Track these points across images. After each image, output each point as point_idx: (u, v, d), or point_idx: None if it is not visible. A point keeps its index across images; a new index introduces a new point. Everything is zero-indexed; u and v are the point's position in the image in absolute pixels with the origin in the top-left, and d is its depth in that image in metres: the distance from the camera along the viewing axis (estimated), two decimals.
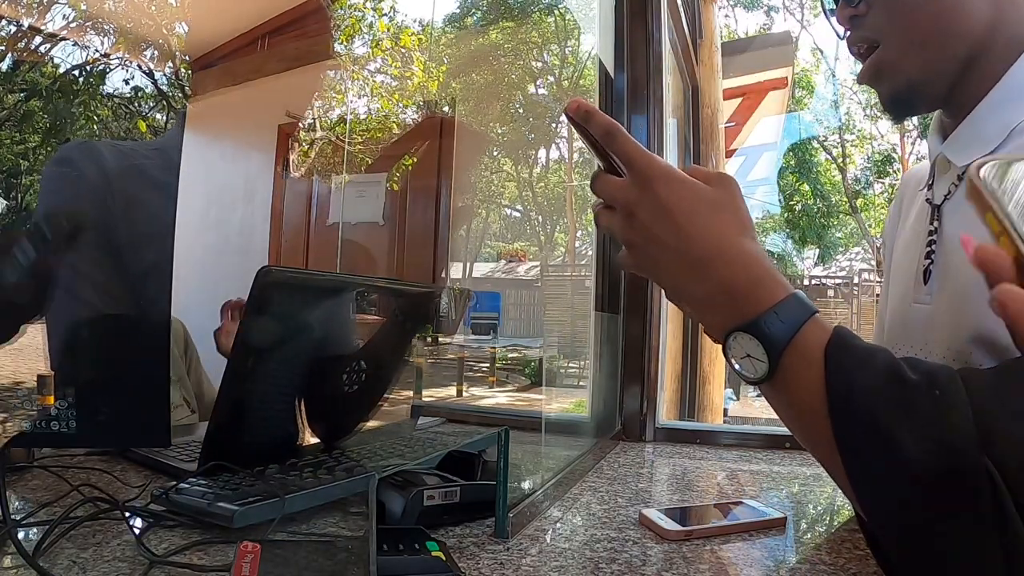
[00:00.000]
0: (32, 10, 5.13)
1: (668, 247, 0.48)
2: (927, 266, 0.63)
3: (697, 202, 0.48)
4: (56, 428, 0.64)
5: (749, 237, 0.48)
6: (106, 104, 7.74)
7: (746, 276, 0.46)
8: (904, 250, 0.70)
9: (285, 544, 0.62)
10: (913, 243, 0.67)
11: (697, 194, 0.48)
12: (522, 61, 12.89)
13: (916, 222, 0.69)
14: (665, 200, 0.48)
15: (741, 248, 0.47)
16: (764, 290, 0.46)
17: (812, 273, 11.80)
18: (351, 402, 0.89)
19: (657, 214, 0.48)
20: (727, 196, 0.48)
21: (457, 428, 1.23)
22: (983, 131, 0.59)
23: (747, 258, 0.47)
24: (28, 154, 7.20)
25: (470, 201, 12.02)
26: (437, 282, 3.33)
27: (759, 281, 0.46)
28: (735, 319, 0.46)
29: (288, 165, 5.22)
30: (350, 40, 5.86)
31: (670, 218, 0.47)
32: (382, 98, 6.47)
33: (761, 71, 5.40)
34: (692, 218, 0.47)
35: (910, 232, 0.70)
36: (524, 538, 0.70)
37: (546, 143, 14.87)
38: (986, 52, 0.59)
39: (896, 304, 0.68)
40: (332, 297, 0.89)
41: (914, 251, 0.66)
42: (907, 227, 0.72)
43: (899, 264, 0.71)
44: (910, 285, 0.65)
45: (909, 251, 0.68)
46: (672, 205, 0.48)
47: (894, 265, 0.73)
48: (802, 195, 13.56)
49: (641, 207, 0.48)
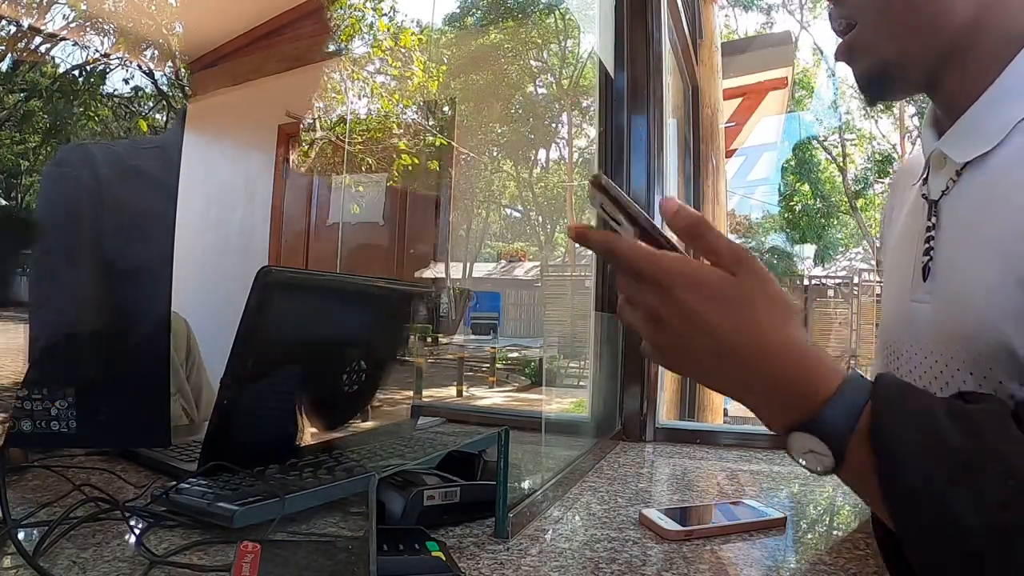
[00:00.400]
0: (32, 10, 5.14)
1: (704, 353, 0.45)
2: (926, 263, 0.62)
3: (725, 301, 0.44)
4: (56, 428, 0.64)
5: (789, 323, 0.45)
6: (106, 104, 7.75)
7: (794, 370, 0.44)
8: (898, 246, 0.69)
9: (285, 544, 0.62)
10: (908, 239, 0.66)
11: (724, 291, 0.44)
12: (522, 61, 12.89)
13: (910, 217, 0.68)
14: (693, 306, 0.44)
15: (783, 341, 0.44)
16: (815, 383, 0.43)
17: (812, 273, 11.79)
18: (351, 402, 0.89)
19: (686, 321, 0.45)
20: (755, 283, 0.45)
21: (457, 428, 1.23)
22: (983, 127, 0.58)
23: (791, 350, 0.44)
24: (28, 154, 7.20)
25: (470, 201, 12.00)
26: (437, 283, 3.33)
27: (808, 373, 0.44)
28: (791, 417, 0.44)
29: (288, 165, 5.22)
30: (350, 40, 5.86)
31: (700, 324, 0.44)
32: (382, 98, 6.48)
33: (761, 71, 5.40)
34: (724, 320, 0.44)
35: (904, 227, 0.69)
36: (524, 538, 0.70)
37: (546, 143, 14.87)
38: (973, 46, 0.58)
39: (893, 302, 0.67)
40: (332, 297, 0.89)
41: (910, 247, 0.65)
42: (900, 222, 0.71)
43: (893, 261, 0.70)
44: (907, 282, 0.64)
45: (904, 247, 0.67)
46: (700, 310, 0.44)
47: (890, 263, 0.72)
48: (802, 195, 13.57)
49: (667, 314, 0.45)
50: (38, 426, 0.63)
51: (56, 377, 0.64)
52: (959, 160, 0.60)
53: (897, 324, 0.66)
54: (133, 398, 0.68)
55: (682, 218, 0.46)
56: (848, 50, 0.62)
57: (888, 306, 0.70)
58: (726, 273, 0.45)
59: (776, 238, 14.47)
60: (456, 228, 11.30)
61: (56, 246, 0.69)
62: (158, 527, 0.66)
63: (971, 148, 0.58)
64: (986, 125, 0.58)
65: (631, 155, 1.41)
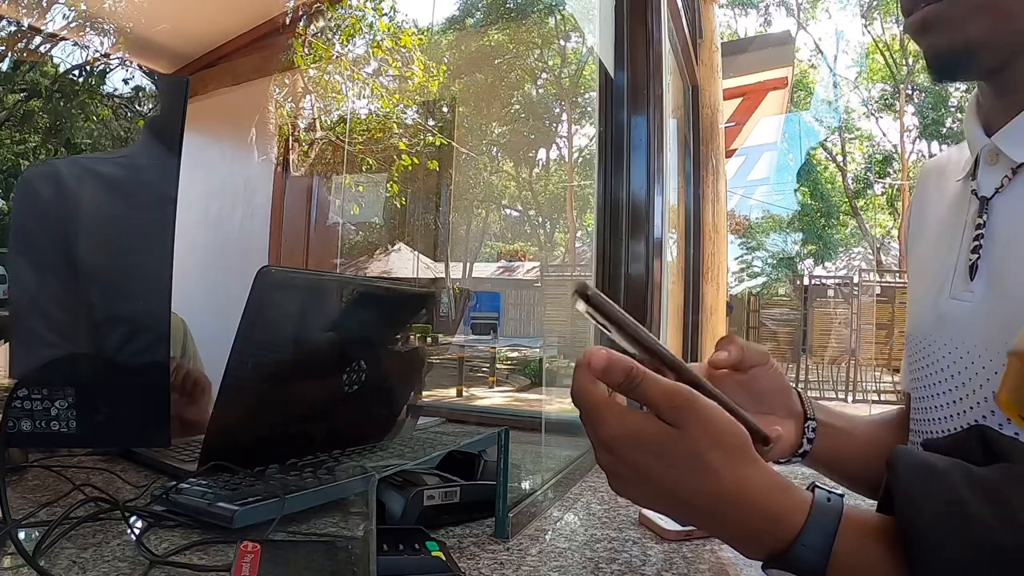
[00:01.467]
0: (32, 10, 5.14)
1: (666, 502, 0.45)
2: (974, 260, 0.59)
3: (673, 457, 0.43)
4: (56, 428, 0.64)
5: (743, 460, 0.43)
6: (106, 104, 7.76)
7: (756, 514, 0.43)
8: (937, 243, 0.67)
9: (285, 544, 0.62)
10: (950, 236, 0.64)
11: (669, 447, 0.43)
12: (522, 61, 12.90)
13: (952, 215, 0.65)
14: (642, 465, 0.43)
15: (741, 487, 0.43)
16: (781, 522, 0.42)
17: (812, 273, 11.80)
18: (351, 403, 0.89)
19: (640, 476, 0.44)
20: (699, 430, 0.43)
21: (457, 428, 1.23)
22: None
23: (751, 495, 0.43)
24: (28, 154, 7.21)
25: (470, 201, 12.00)
26: (436, 283, 3.34)
27: (772, 512, 0.43)
28: (763, 554, 0.44)
29: (288, 165, 5.23)
30: (350, 40, 5.87)
31: (655, 480, 0.43)
32: (382, 98, 6.48)
33: (761, 71, 5.40)
34: (676, 476, 0.43)
35: (945, 225, 0.66)
36: (524, 538, 0.70)
37: (546, 143, 14.88)
38: None
39: (928, 299, 0.65)
40: (332, 297, 0.89)
41: (951, 243, 0.63)
42: (937, 219, 0.69)
43: (929, 258, 0.68)
44: (945, 278, 0.62)
45: (944, 244, 0.64)
46: (649, 468, 0.43)
47: (923, 258, 0.70)
48: (802, 195, 13.57)
49: (622, 470, 0.44)
50: (38, 426, 0.63)
51: (56, 377, 0.64)
52: (1017, 158, 0.58)
53: (930, 320, 0.64)
54: (133, 398, 0.68)
55: (612, 373, 0.43)
56: (925, 24, 0.57)
57: (919, 301, 0.68)
58: (668, 426, 0.43)
59: (776, 239, 14.48)
60: (456, 228, 11.32)
61: (56, 245, 0.69)
62: (158, 527, 0.66)
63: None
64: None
65: (631, 155, 1.41)
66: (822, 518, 0.42)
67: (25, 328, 0.66)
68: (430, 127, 7.68)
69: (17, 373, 0.64)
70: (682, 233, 3.42)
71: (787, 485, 0.44)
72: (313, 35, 4.99)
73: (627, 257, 1.47)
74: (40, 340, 0.66)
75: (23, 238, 0.68)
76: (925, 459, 0.42)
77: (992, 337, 0.56)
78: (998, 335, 0.55)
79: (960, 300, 0.60)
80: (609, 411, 0.44)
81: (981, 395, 0.57)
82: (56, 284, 0.67)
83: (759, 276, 14.35)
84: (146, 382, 0.68)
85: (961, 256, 0.61)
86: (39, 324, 0.67)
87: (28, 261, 0.67)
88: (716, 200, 3.65)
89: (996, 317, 0.56)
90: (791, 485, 0.44)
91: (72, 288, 0.67)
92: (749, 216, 14.46)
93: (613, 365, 0.43)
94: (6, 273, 0.66)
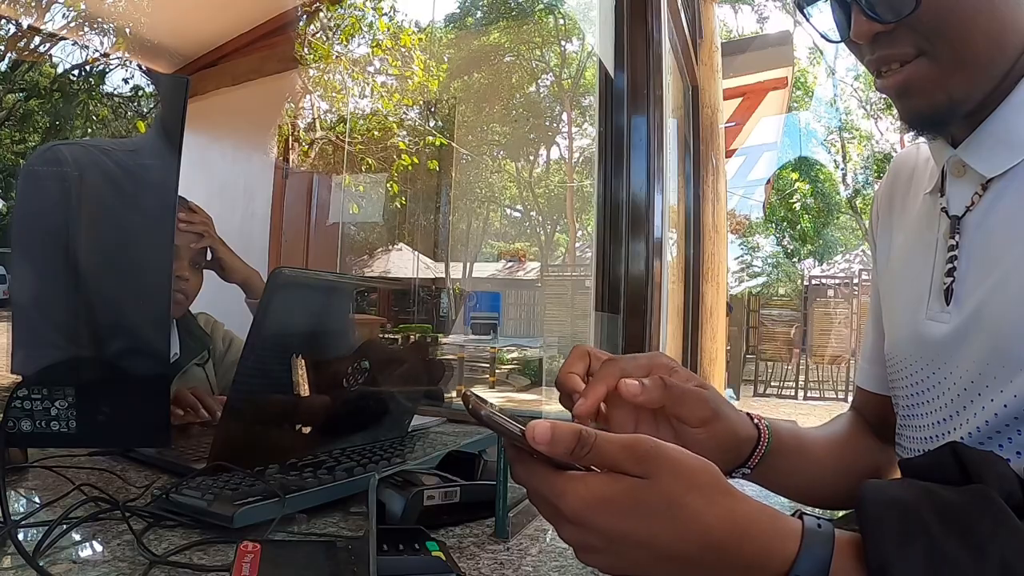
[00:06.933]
0: (32, 10, 5.13)
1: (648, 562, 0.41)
2: (949, 284, 0.57)
3: (648, 510, 0.40)
4: (56, 428, 0.64)
5: (722, 496, 0.41)
6: (106, 104, 7.75)
7: (747, 550, 0.41)
8: (908, 258, 0.65)
9: (285, 544, 0.62)
10: (922, 253, 0.62)
11: (643, 501, 0.40)
12: (522, 61, 12.90)
13: (922, 229, 0.63)
14: (614, 529, 0.40)
15: (728, 524, 0.41)
16: (774, 553, 0.41)
17: (812, 273, 11.79)
18: (354, 401, 0.89)
19: (613, 543, 0.41)
20: (670, 476, 0.40)
21: (457, 428, 1.23)
22: (1014, 135, 0.54)
23: (739, 532, 0.41)
24: (28, 154, 7.19)
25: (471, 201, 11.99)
26: (436, 282, 3.34)
27: (762, 546, 0.41)
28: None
29: (288, 165, 5.22)
30: (350, 40, 5.87)
31: (631, 541, 0.40)
32: (382, 98, 6.48)
33: (761, 71, 5.39)
34: (656, 530, 0.40)
35: (914, 240, 0.65)
36: (524, 538, 0.70)
37: (546, 143, 14.87)
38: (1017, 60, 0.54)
39: (906, 315, 0.63)
40: (340, 297, 0.89)
41: (923, 261, 0.61)
42: (907, 228, 0.67)
43: (902, 271, 0.66)
44: (919, 297, 0.61)
45: (916, 261, 0.63)
46: (624, 529, 0.40)
47: (896, 275, 0.68)
48: (802, 194, 13.57)
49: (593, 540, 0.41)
50: (38, 426, 0.63)
51: (56, 377, 0.64)
52: (986, 172, 0.56)
53: (905, 337, 0.63)
54: (133, 398, 0.68)
55: (560, 441, 0.40)
56: (905, 88, 0.55)
57: (895, 318, 0.66)
58: (636, 479, 0.40)
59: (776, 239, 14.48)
60: (456, 228, 11.31)
61: (56, 243, 0.69)
62: (158, 527, 0.66)
63: (999, 160, 0.55)
64: (1017, 133, 0.54)
65: (631, 155, 1.41)
66: (815, 546, 0.41)
67: (25, 327, 0.66)
68: (430, 128, 7.68)
69: (17, 373, 0.64)
70: (682, 233, 3.42)
71: (774, 512, 0.42)
72: (313, 35, 5.00)
73: (627, 257, 1.47)
74: (40, 340, 0.66)
75: (24, 228, 0.68)
76: (893, 497, 0.42)
77: (971, 363, 0.55)
78: (974, 366, 0.54)
79: (937, 321, 0.58)
80: (568, 482, 0.41)
81: (962, 419, 0.56)
82: (56, 283, 0.67)
83: (759, 276, 14.36)
84: (146, 382, 0.68)
85: (935, 277, 0.59)
86: (39, 323, 0.67)
87: (28, 256, 0.67)
88: (716, 200, 3.65)
89: (975, 346, 0.55)
90: (777, 512, 0.42)
91: (72, 288, 0.67)
92: (749, 216, 14.46)
93: (559, 433, 0.40)
94: (7, 273, 0.66)
